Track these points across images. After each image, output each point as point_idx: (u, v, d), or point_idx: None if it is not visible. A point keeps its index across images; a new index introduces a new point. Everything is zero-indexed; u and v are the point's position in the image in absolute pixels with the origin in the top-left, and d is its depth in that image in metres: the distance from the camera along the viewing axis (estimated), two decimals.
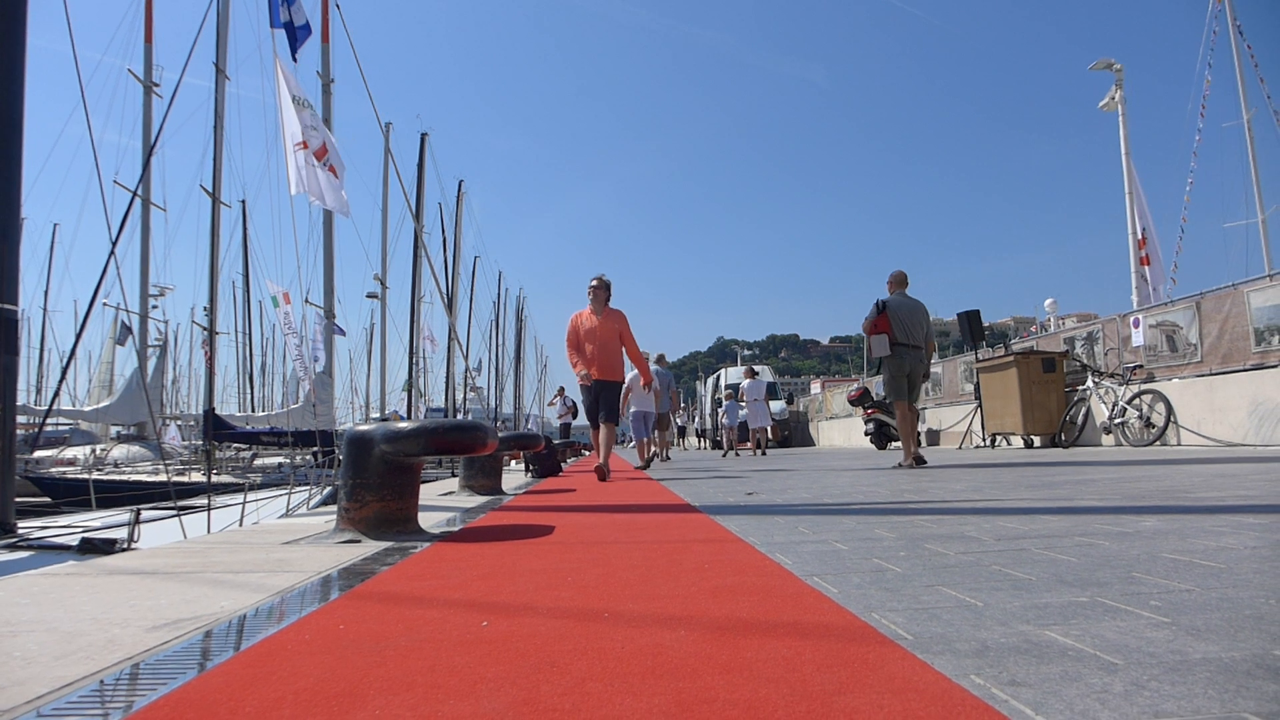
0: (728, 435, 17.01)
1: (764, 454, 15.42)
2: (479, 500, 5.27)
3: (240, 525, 8.33)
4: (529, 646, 1.34)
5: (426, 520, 3.51)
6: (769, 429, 16.25)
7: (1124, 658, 1.16)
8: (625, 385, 8.54)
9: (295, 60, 10.43)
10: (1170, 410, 10.17)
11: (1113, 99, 18.21)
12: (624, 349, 7.69)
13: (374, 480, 3.03)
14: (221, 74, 15.70)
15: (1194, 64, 20.60)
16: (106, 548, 6.76)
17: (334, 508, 3.33)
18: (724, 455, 15.85)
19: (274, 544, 3.00)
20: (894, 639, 1.31)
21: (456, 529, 3.38)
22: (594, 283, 7.71)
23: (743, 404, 16.23)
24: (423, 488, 4.68)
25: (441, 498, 5.57)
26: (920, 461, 7.52)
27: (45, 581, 2.20)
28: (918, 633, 1.34)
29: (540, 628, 1.47)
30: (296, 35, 10.34)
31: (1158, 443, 10.19)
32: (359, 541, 2.92)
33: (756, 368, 32.82)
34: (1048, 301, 22.04)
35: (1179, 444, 10.13)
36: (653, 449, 13.07)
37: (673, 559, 2.27)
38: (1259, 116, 19.97)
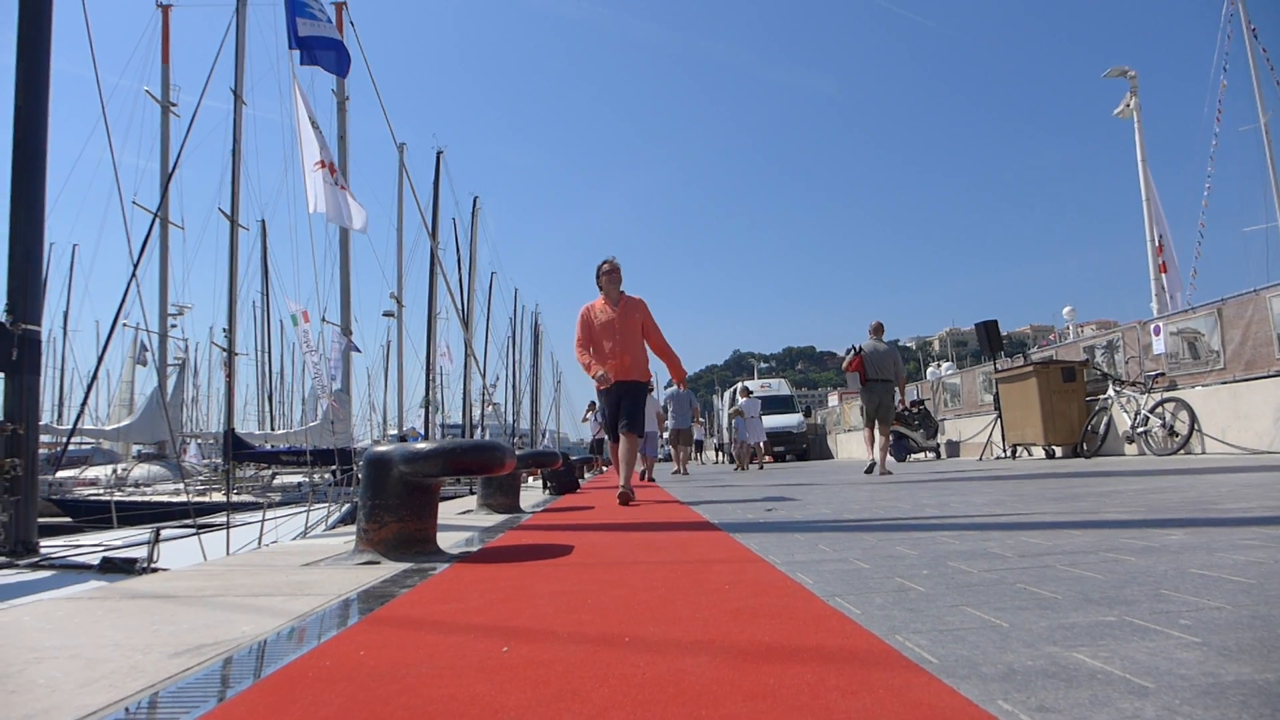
0: (738, 451, 17.53)
1: (760, 468, 16.34)
2: (497, 519, 5.26)
3: (259, 544, 8.37)
4: (550, 673, 1.33)
5: (445, 540, 3.51)
6: (761, 445, 17.33)
7: (1155, 680, 1.14)
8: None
9: (345, 76, 10.43)
10: (1194, 418, 10.05)
11: (1127, 106, 18.12)
12: (647, 343, 6.56)
13: (393, 501, 3.03)
14: (239, 99, 15.90)
15: (1209, 68, 20.48)
16: (127, 567, 6.81)
17: (352, 526, 3.34)
18: (735, 470, 16.30)
19: (294, 566, 3.00)
20: (919, 662, 1.29)
21: (475, 549, 3.38)
22: (605, 267, 6.51)
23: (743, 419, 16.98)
24: (441, 506, 4.69)
25: (459, 516, 5.57)
26: (885, 471, 9.47)
27: (69, 605, 2.22)
28: (943, 656, 1.33)
29: (561, 653, 1.47)
30: (338, 55, 10.37)
31: (1182, 451, 10.06)
32: (378, 563, 2.92)
33: (773, 380, 32.83)
34: (1066, 309, 21.90)
35: (1203, 452, 10.01)
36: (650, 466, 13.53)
37: (693, 580, 2.26)
38: (1276, 119, 19.81)
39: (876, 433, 9.81)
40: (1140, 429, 10.78)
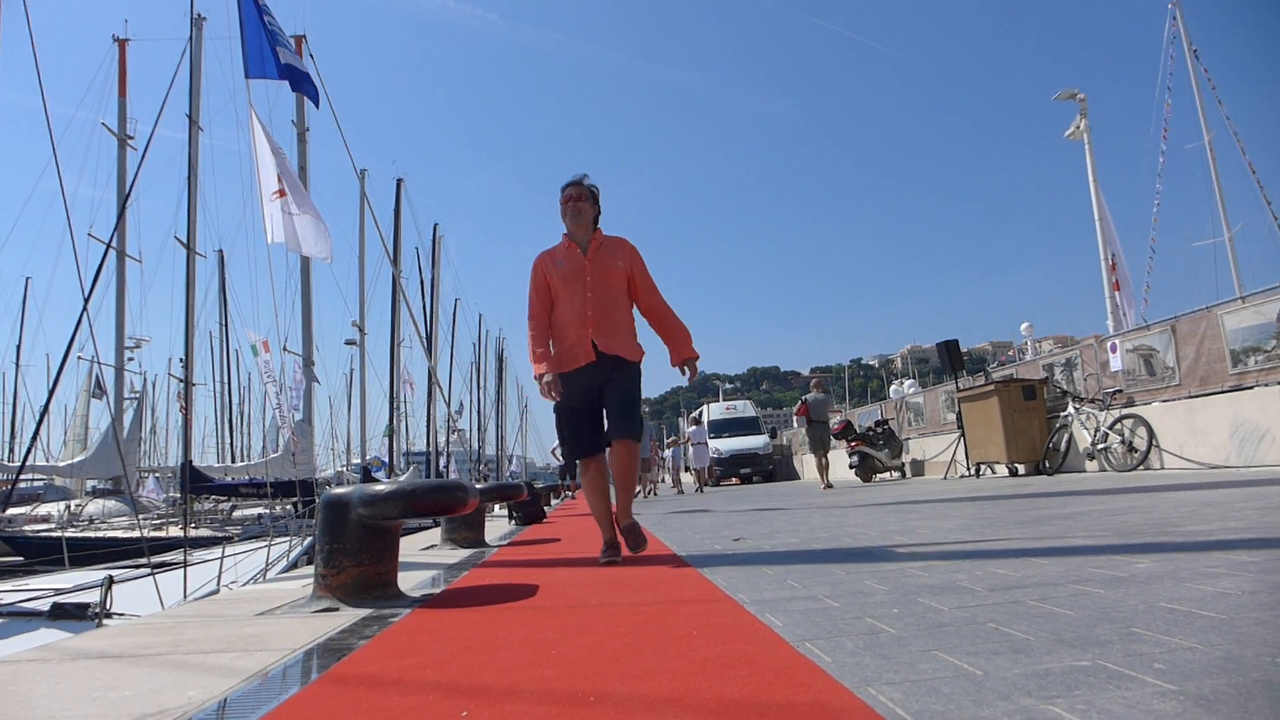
0: (673, 475, 20.25)
1: (701, 492, 17.84)
2: (461, 554, 5.16)
3: (218, 584, 8.15)
4: None
5: (407, 580, 3.42)
6: (706, 469, 19.34)
7: None
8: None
9: (317, 107, 10.43)
10: (1152, 434, 10.20)
11: (1078, 128, 18.55)
12: (636, 305, 4.35)
13: (351, 545, 2.95)
14: (195, 125, 15.68)
15: (1154, 88, 21.10)
16: (78, 613, 6.59)
17: (314, 566, 3.24)
18: (677, 492, 18.31)
19: (248, 615, 2.90)
20: (892, 719, 1.25)
21: (438, 590, 3.30)
22: (570, 190, 4.24)
23: (688, 445, 19.01)
24: (404, 540, 4.58)
25: (423, 553, 5.46)
26: (829, 485, 13.43)
27: (3, 671, 2.10)
28: (917, 711, 1.29)
29: (523, 717, 1.40)
30: (308, 81, 10.22)
31: (1141, 467, 10.20)
32: (337, 609, 2.83)
33: (738, 402, 33.04)
34: (1024, 325, 22.25)
35: (1162, 468, 10.15)
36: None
37: (660, 624, 2.20)
38: (1219, 137, 20.43)
39: (819, 457, 13.77)
40: (1100, 445, 10.92)
